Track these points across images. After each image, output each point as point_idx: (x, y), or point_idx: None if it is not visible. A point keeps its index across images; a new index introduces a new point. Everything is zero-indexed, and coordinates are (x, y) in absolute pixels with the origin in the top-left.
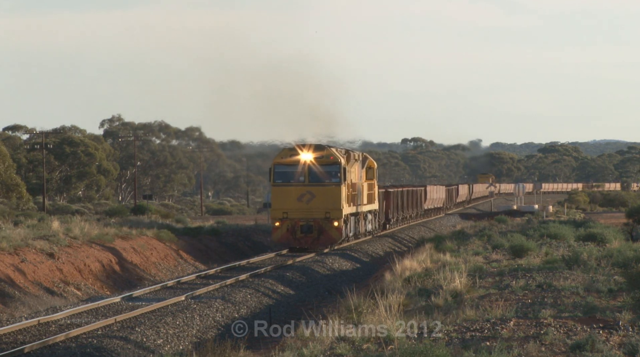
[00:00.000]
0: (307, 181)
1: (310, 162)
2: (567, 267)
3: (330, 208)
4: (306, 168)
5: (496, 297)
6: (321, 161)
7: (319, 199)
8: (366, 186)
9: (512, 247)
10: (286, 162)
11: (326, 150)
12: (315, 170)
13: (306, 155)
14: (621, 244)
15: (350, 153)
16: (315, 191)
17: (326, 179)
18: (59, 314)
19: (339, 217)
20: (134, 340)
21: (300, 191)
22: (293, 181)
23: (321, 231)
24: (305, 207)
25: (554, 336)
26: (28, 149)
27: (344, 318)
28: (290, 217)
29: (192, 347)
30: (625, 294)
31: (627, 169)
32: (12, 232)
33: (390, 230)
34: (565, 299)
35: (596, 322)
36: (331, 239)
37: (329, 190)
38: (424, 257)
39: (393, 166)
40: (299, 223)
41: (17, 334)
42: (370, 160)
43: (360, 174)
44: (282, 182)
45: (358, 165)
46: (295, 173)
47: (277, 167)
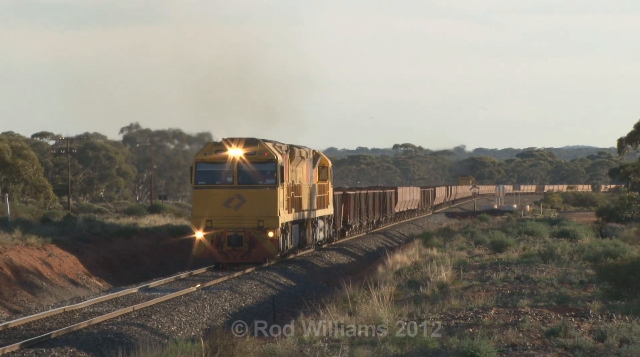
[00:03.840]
0: (235, 183)
1: (240, 159)
2: (542, 261)
3: (264, 215)
4: (235, 167)
5: (478, 288)
6: (253, 158)
7: (250, 205)
8: (317, 188)
9: (493, 242)
10: (211, 160)
11: (260, 146)
12: (246, 170)
13: (235, 151)
14: (592, 240)
15: (296, 149)
16: (245, 195)
17: (259, 180)
18: (82, 304)
19: (274, 226)
20: (150, 327)
21: (227, 195)
22: (219, 183)
23: (253, 243)
24: (234, 214)
25: (530, 323)
26: (54, 154)
27: (341, 307)
28: (216, 226)
29: (202, 334)
30: (595, 285)
31: (597, 172)
32: (39, 229)
33: (349, 238)
34: (541, 290)
35: (569, 311)
36: (265, 253)
37: (262, 193)
38: (413, 252)
39: (385, 170)
40: (226, 233)
41: (44, 322)
42: (324, 158)
43: (310, 174)
44: (205, 184)
45: (307, 164)
46: (222, 173)
47: (200, 165)
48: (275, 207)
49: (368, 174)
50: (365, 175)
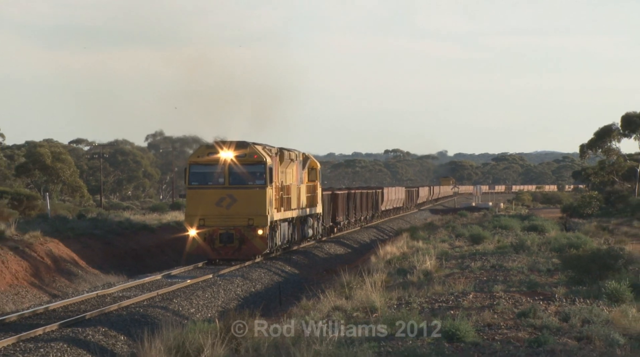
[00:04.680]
0: (227, 183)
1: (230, 161)
2: (514, 251)
3: (254, 214)
4: (226, 168)
5: (458, 275)
6: (243, 160)
7: (240, 204)
8: (306, 189)
9: (471, 235)
10: (203, 162)
11: (249, 148)
12: (236, 171)
13: (226, 153)
14: (557, 233)
15: (285, 152)
16: (236, 195)
17: (249, 180)
18: (112, 289)
19: (264, 224)
20: (172, 309)
21: (219, 195)
22: (211, 183)
23: (243, 240)
24: (225, 212)
25: (504, 306)
26: (89, 158)
27: (338, 292)
28: (208, 224)
29: (217, 315)
30: (560, 273)
31: (561, 174)
32: (76, 224)
33: (345, 232)
34: (513, 277)
35: (537, 295)
36: (255, 250)
37: (252, 193)
38: (402, 244)
39: (377, 172)
40: (217, 231)
41: (79, 304)
42: (313, 160)
43: (300, 176)
44: (198, 185)
45: (297, 166)
46: (214, 174)
47: (193, 167)
48: (264, 207)
49: (362, 176)
50: (360, 177)
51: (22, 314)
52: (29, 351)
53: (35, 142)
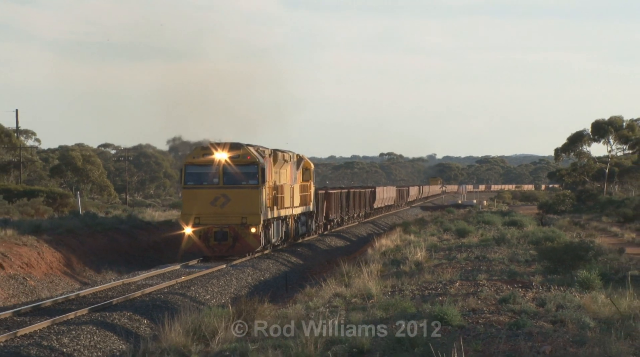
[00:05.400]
0: (221, 183)
1: (225, 162)
2: (496, 244)
3: (247, 213)
4: (220, 169)
5: (446, 265)
6: (237, 161)
7: (234, 203)
8: (300, 188)
9: (458, 230)
10: (199, 162)
11: (243, 150)
12: (230, 172)
13: (221, 154)
14: (534, 228)
15: (279, 153)
16: (230, 194)
17: (243, 180)
18: (136, 277)
19: (257, 222)
20: (189, 295)
21: (214, 194)
22: (206, 183)
23: (237, 237)
24: (220, 211)
25: (487, 293)
26: (115, 160)
27: (338, 280)
28: (203, 222)
29: (230, 301)
30: (537, 263)
31: (538, 175)
32: (103, 219)
33: (331, 230)
34: (495, 267)
35: (517, 283)
36: (248, 247)
37: (245, 193)
38: (395, 237)
39: (374, 173)
40: (212, 229)
41: (107, 291)
42: (307, 161)
43: (294, 176)
44: (194, 185)
45: (291, 166)
46: (209, 174)
47: (189, 167)
48: (257, 206)
49: (360, 176)
50: (358, 177)
51: (56, 300)
52: (62, 333)
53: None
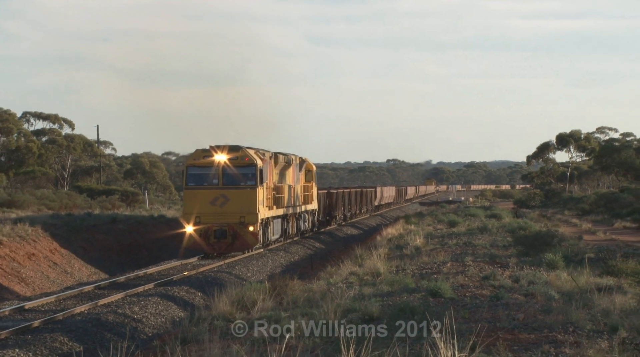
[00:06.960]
0: (221, 184)
1: (224, 163)
2: (480, 232)
3: (245, 212)
4: (220, 170)
5: (440, 249)
6: (236, 163)
7: (233, 203)
8: (302, 188)
9: (449, 221)
10: (199, 164)
11: (242, 152)
12: (229, 173)
13: (220, 156)
14: (510, 219)
15: (280, 156)
16: (229, 194)
17: (241, 181)
18: (192, 259)
19: (254, 221)
20: (234, 273)
21: (213, 194)
22: (206, 184)
23: (235, 235)
24: (219, 211)
25: (472, 271)
26: (175, 165)
27: (353, 261)
28: (204, 221)
29: (267, 278)
30: (512, 247)
31: (514, 177)
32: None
33: (358, 218)
34: (479, 251)
35: (496, 264)
36: (246, 244)
37: (244, 193)
38: (399, 227)
39: (381, 175)
40: (212, 228)
41: (169, 270)
42: (309, 163)
43: (296, 176)
44: (195, 185)
45: (293, 168)
46: (209, 175)
47: (190, 169)
48: (255, 205)
49: (370, 178)
50: (368, 179)
51: (129, 276)
52: (133, 303)
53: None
